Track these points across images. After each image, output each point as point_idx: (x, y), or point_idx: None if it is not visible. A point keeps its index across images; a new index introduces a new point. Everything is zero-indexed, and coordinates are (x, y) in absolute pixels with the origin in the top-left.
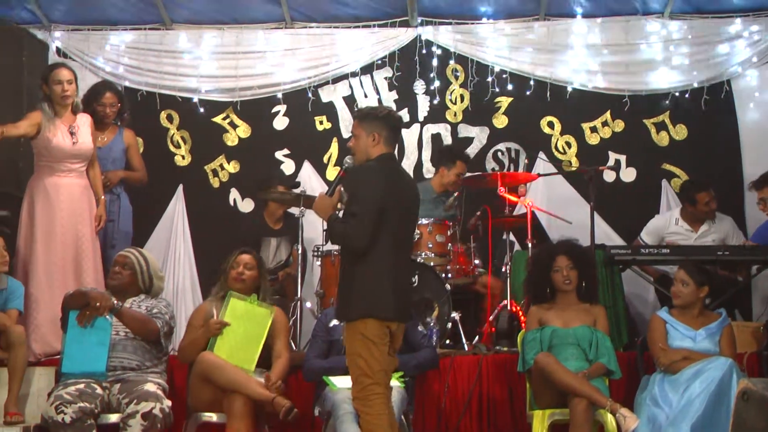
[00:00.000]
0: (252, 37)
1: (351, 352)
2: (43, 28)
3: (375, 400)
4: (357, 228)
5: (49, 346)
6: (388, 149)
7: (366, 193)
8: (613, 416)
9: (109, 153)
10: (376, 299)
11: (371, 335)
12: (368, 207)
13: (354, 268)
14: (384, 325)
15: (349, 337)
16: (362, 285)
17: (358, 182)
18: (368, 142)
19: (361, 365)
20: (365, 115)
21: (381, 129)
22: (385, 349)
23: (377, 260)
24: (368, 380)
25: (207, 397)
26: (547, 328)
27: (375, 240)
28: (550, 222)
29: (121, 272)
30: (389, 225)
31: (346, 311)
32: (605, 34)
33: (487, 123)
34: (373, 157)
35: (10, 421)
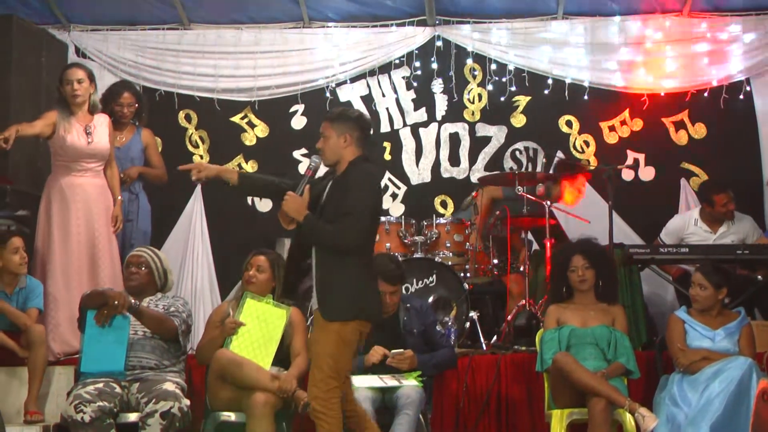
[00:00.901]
0: (270, 36)
1: (323, 352)
2: (63, 28)
3: (335, 402)
4: (353, 227)
5: (68, 345)
6: (361, 151)
7: (363, 193)
8: (632, 416)
9: (127, 153)
10: (362, 301)
11: (349, 338)
12: (365, 207)
13: (339, 268)
14: (360, 327)
15: (322, 335)
16: (349, 286)
17: (355, 183)
18: (339, 143)
19: (331, 366)
20: (337, 116)
21: (352, 130)
22: (353, 352)
23: (363, 261)
24: (334, 383)
25: (225, 396)
26: (566, 327)
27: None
28: (568, 221)
29: (139, 272)
30: (372, 227)
31: (331, 311)
32: (624, 33)
33: (505, 122)
34: (346, 158)
35: (31, 420)
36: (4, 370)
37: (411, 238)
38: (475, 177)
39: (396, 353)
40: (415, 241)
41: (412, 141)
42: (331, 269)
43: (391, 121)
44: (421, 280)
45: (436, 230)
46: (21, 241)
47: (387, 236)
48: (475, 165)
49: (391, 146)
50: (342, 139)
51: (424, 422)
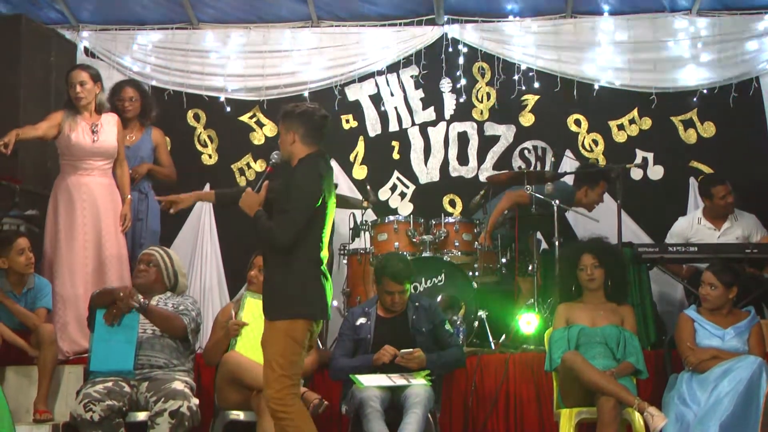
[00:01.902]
0: (278, 36)
1: (272, 352)
2: (72, 29)
3: (292, 399)
4: (284, 226)
5: (77, 345)
6: (310, 148)
7: (298, 192)
8: (641, 415)
9: (137, 152)
10: (307, 300)
11: (297, 336)
12: (300, 206)
13: (282, 267)
14: (309, 325)
15: (271, 337)
16: (292, 285)
17: (291, 180)
18: (287, 140)
19: (283, 365)
20: (284, 114)
21: (297, 127)
22: (304, 350)
23: (305, 259)
24: (288, 381)
25: (234, 397)
26: (575, 326)
27: (303, 239)
28: (577, 220)
29: (147, 270)
30: (318, 225)
31: (275, 311)
32: (632, 32)
33: (513, 121)
34: (296, 155)
35: (40, 419)
36: (14, 369)
37: (419, 238)
38: (483, 176)
39: (405, 353)
40: (424, 240)
41: (420, 140)
42: (273, 268)
43: (400, 121)
44: (430, 279)
45: (444, 229)
46: (27, 241)
47: (395, 235)
48: (484, 164)
49: (399, 145)
50: (289, 137)
51: (432, 421)
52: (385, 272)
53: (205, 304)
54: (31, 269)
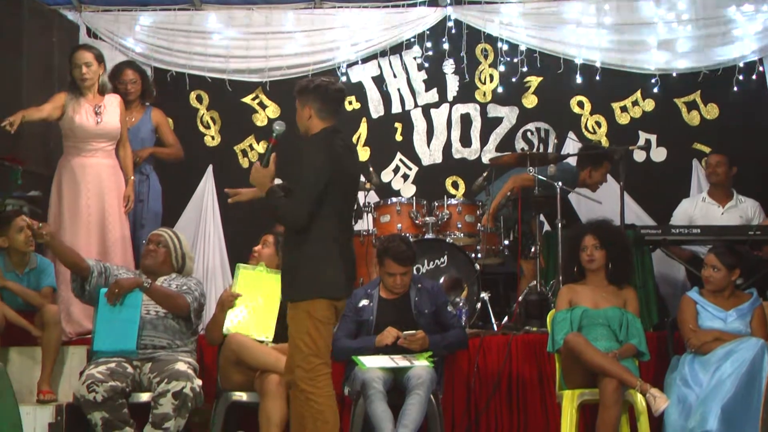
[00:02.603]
0: (281, 17)
1: (297, 332)
2: (74, 9)
3: (323, 380)
4: (297, 206)
5: (80, 326)
6: (326, 122)
7: (308, 169)
8: (643, 396)
9: (137, 133)
10: (326, 279)
11: (320, 315)
12: (310, 184)
13: (299, 247)
14: (332, 304)
15: (295, 317)
16: (310, 264)
17: (301, 157)
18: (303, 115)
19: (309, 345)
20: (299, 89)
21: (312, 101)
22: (331, 328)
23: (323, 238)
24: (317, 360)
25: (238, 378)
26: (577, 308)
27: (319, 217)
28: (579, 202)
29: (156, 250)
30: (333, 201)
31: (295, 292)
32: (636, 13)
33: (516, 103)
34: (311, 130)
35: (43, 399)
36: (17, 350)
37: (422, 219)
38: (486, 158)
39: (408, 334)
40: (427, 222)
41: (423, 122)
42: (291, 248)
43: (403, 102)
44: (433, 261)
45: (447, 211)
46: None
47: (398, 217)
48: (487, 146)
49: (402, 127)
50: (305, 112)
51: (435, 402)
52: (387, 254)
53: (208, 286)
54: (31, 247)
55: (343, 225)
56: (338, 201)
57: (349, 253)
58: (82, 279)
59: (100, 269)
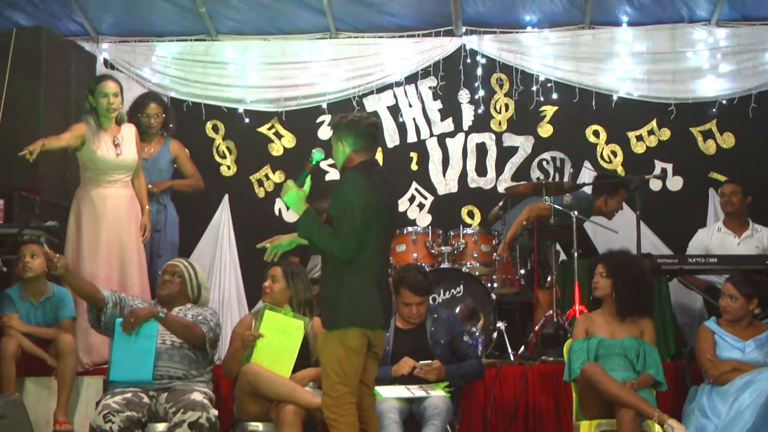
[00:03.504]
0: (297, 47)
1: (328, 359)
2: (91, 40)
3: (348, 409)
4: (344, 237)
5: (98, 356)
6: (362, 156)
7: (352, 203)
8: (661, 427)
9: (155, 164)
10: (363, 308)
11: (353, 344)
12: (354, 218)
13: (339, 276)
14: (365, 333)
15: (327, 344)
16: (348, 293)
17: (344, 190)
18: (338, 150)
19: (338, 373)
20: (336, 124)
21: (346, 137)
22: (362, 358)
23: (363, 268)
24: (344, 389)
25: (254, 409)
26: (594, 338)
27: (361, 248)
28: (596, 232)
29: (172, 280)
30: (373, 233)
31: (333, 319)
32: (651, 42)
33: (532, 132)
34: (347, 164)
35: (60, 429)
36: (33, 380)
37: (438, 249)
38: (501, 187)
39: (424, 364)
40: (442, 251)
41: (438, 151)
42: (329, 277)
43: (418, 132)
44: (449, 290)
45: (463, 240)
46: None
47: (414, 246)
48: (502, 175)
49: (417, 156)
50: (339, 147)
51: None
52: (403, 283)
53: (224, 316)
54: (29, 274)
55: (381, 256)
56: (377, 233)
57: (385, 284)
58: (98, 310)
59: (115, 300)
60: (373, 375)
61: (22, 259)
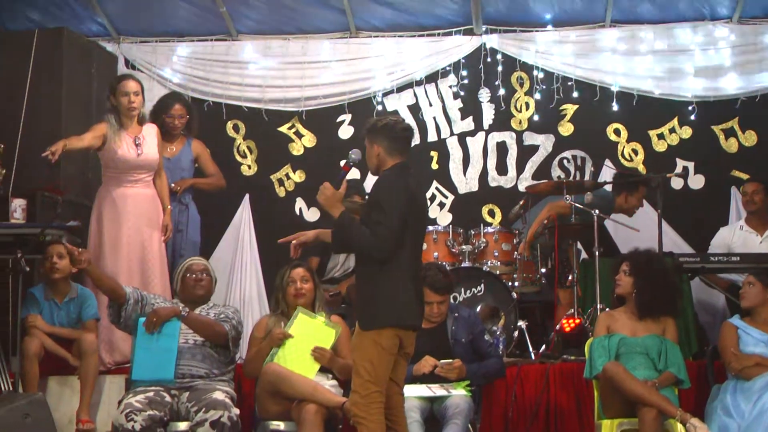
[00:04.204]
0: (317, 46)
1: (361, 358)
2: (112, 41)
3: (376, 408)
4: (381, 237)
5: (120, 355)
6: (396, 159)
7: (389, 201)
8: (683, 426)
9: (177, 163)
10: (399, 309)
11: (386, 344)
12: (392, 216)
13: (375, 277)
14: (398, 334)
15: (360, 344)
16: (385, 294)
17: (380, 191)
18: (372, 153)
19: (370, 372)
20: (370, 127)
21: (381, 141)
22: (393, 358)
23: (399, 268)
24: (373, 387)
25: (275, 408)
26: (615, 336)
27: (397, 248)
28: (617, 230)
29: (203, 278)
30: (408, 233)
31: (369, 320)
32: (672, 40)
33: (552, 131)
34: (382, 167)
35: (83, 428)
36: (56, 379)
37: (459, 248)
38: (522, 186)
39: (445, 363)
40: (463, 250)
41: (459, 150)
42: (364, 277)
43: (438, 131)
44: (469, 289)
45: (484, 239)
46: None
47: (435, 245)
48: (523, 174)
49: (438, 155)
50: (374, 150)
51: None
52: (424, 282)
53: (245, 315)
54: (57, 275)
55: (416, 257)
56: (411, 233)
57: (419, 285)
58: (119, 306)
59: (136, 297)
60: (404, 374)
61: (49, 260)
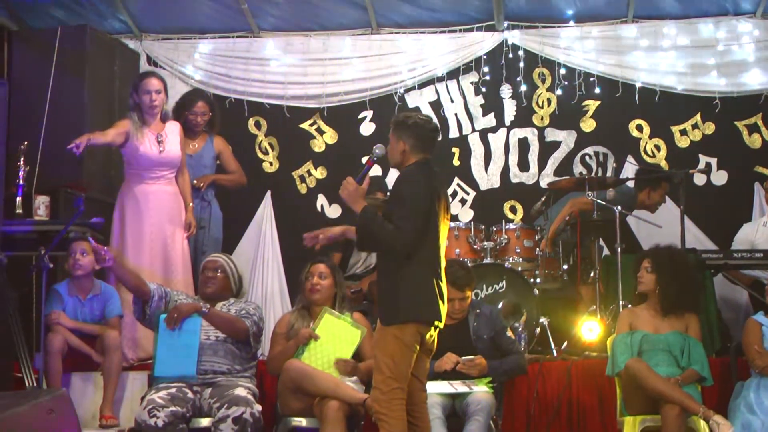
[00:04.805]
0: (338, 43)
1: (382, 354)
2: (135, 38)
3: (398, 404)
4: (403, 232)
5: (143, 351)
6: (419, 156)
7: (412, 196)
8: (706, 423)
9: (200, 160)
10: (421, 304)
11: (408, 340)
12: (414, 211)
13: (398, 272)
14: (419, 330)
15: (382, 340)
16: (408, 289)
17: (403, 186)
18: (396, 148)
19: (391, 368)
20: (396, 123)
21: (408, 137)
22: (414, 354)
23: (421, 263)
24: (395, 383)
25: (297, 404)
26: (638, 332)
27: (419, 244)
28: (639, 226)
29: (215, 276)
30: (431, 229)
31: (391, 315)
32: (695, 36)
33: (574, 127)
34: (404, 163)
35: (106, 424)
36: (79, 375)
37: (480, 244)
38: (544, 182)
39: (466, 359)
40: (485, 246)
41: (480, 146)
42: (386, 273)
43: (460, 127)
44: (491, 285)
45: (505, 236)
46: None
47: (456, 242)
48: (545, 170)
49: (459, 152)
50: (399, 145)
51: (494, 428)
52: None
53: (267, 312)
54: (79, 272)
55: (438, 252)
56: (434, 229)
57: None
58: (143, 302)
59: (160, 293)
60: (426, 370)
61: (72, 257)
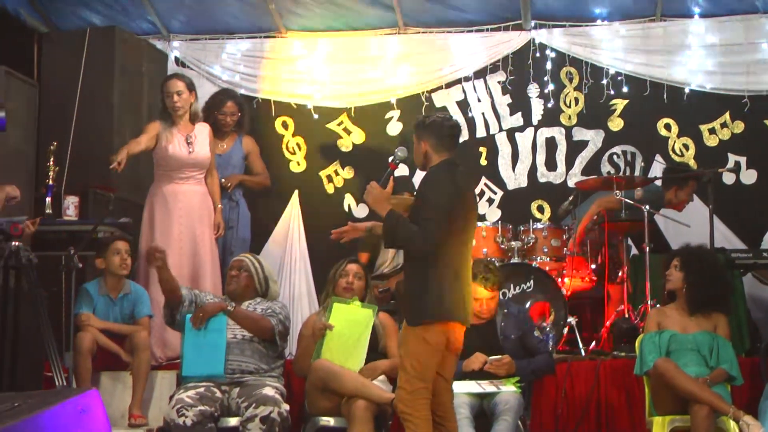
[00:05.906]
0: (365, 43)
1: (407, 354)
2: (163, 39)
3: (423, 404)
4: (427, 232)
5: (172, 350)
6: (443, 156)
7: (435, 197)
8: (736, 423)
9: (228, 160)
10: (447, 304)
11: (433, 340)
12: (438, 211)
13: (422, 272)
14: (444, 330)
15: (408, 339)
16: (433, 289)
17: (426, 187)
18: (419, 149)
19: (416, 368)
20: (418, 124)
21: (428, 137)
22: (440, 354)
23: (446, 263)
24: (419, 383)
25: (325, 404)
26: (666, 332)
27: (444, 244)
28: (668, 225)
29: (239, 275)
30: (457, 228)
31: (416, 315)
32: (724, 34)
33: (602, 126)
34: (429, 163)
35: (135, 423)
36: (109, 375)
37: (508, 244)
38: (572, 181)
39: (494, 359)
40: (512, 246)
41: (508, 146)
42: (411, 273)
43: (487, 126)
44: (519, 285)
45: (533, 235)
46: (124, 244)
47: (484, 241)
48: (572, 169)
49: (487, 151)
50: (421, 147)
51: (522, 428)
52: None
53: (295, 311)
54: (125, 271)
55: (464, 252)
56: (460, 228)
57: (468, 280)
58: (173, 308)
59: (191, 298)
60: (453, 370)
61: (118, 255)
